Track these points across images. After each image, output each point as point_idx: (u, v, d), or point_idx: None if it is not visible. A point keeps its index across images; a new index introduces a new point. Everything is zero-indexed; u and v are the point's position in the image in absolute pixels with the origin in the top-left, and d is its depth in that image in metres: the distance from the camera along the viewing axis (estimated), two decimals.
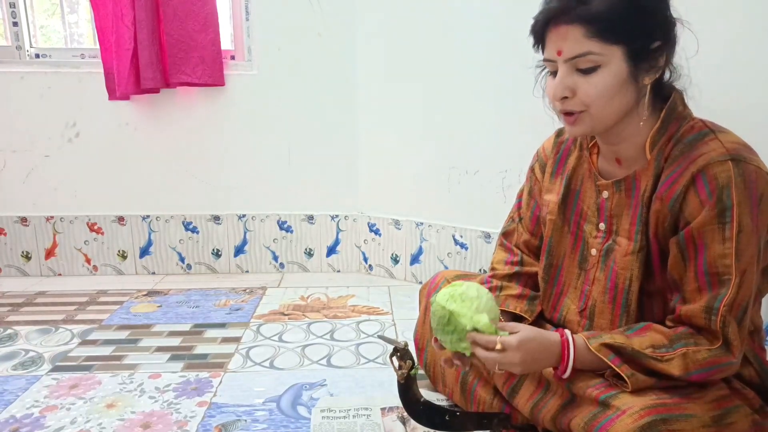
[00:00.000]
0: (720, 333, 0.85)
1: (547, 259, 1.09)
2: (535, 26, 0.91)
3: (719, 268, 0.85)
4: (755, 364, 0.94)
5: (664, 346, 0.87)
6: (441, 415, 1.11)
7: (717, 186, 0.84)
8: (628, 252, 0.95)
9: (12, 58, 2.11)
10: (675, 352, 0.86)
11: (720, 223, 0.84)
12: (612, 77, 0.86)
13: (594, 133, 0.94)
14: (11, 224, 2.20)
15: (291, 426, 1.21)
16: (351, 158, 2.18)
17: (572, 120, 0.91)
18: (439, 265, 2.06)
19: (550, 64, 0.91)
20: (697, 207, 0.86)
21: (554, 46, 0.88)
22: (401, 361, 1.07)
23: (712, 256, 0.85)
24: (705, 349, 0.85)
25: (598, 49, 0.84)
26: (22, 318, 1.83)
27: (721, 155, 0.85)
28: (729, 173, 0.84)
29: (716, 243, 0.85)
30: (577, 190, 1.04)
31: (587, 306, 1.02)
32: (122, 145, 2.14)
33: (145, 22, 1.94)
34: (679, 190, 0.87)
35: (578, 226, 1.04)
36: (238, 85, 2.11)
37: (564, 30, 0.86)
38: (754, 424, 0.87)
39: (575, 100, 0.89)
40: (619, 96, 0.88)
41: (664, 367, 0.85)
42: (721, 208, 0.84)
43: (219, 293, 2.03)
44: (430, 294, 1.31)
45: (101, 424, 1.22)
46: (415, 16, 1.92)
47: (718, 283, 0.85)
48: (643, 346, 0.87)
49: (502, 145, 1.84)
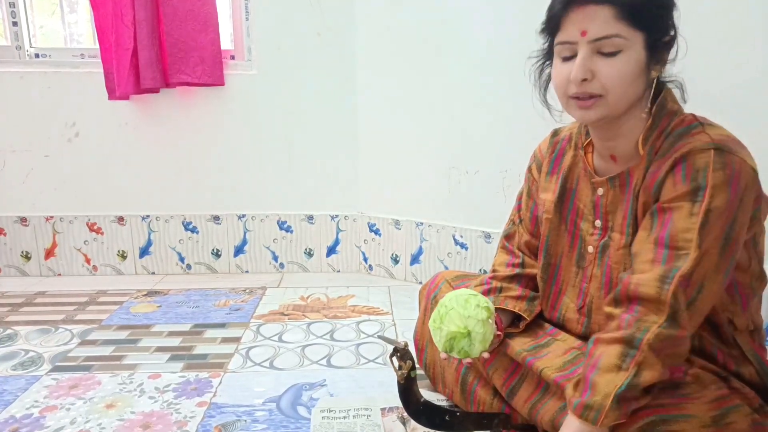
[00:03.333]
0: (668, 303, 0.82)
1: (545, 258, 1.09)
2: (553, 6, 0.89)
3: (679, 242, 0.83)
4: (755, 363, 0.93)
5: (628, 352, 0.82)
6: (441, 416, 1.11)
7: (693, 169, 0.84)
8: (621, 246, 0.95)
9: (12, 58, 2.11)
10: (641, 350, 0.81)
11: (690, 200, 0.84)
12: (632, 63, 0.85)
13: (604, 121, 0.92)
14: (11, 224, 2.20)
15: (291, 426, 1.21)
16: (351, 158, 2.18)
17: (589, 104, 0.88)
18: (439, 265, 2.06)
19: (566, 48, 0.88)
20: (671, 188, 0.86)
21: (578, 27, 0.85)
22: (401, 362, 1.07)
23: (676, 229, 0.84)
24: (657, 327, 0.82)
25: (625, 32, 0.84)
26: (21, 318, 1.83)
27: (704, 144, 0.85)
28: (708, 159, 0.83)
29: (682, 217, 0.84)
30: (573, 188, 1.04)
31: (585, 303, 1.03)
32: (122, 145, 2.14)
33: (145, 22, 1.94)
34: (660, 176, 0.88)
35: (575, 224, 1.04)
36: (238, 85, 2.11)
37: (592, 10, 0.84)
38: (754, 424, 0.87)
39: (595, 83, 0.87)
40: (635, 84, 0.87)
41: (646, 376, 0.81)
42: (694, 187, 0.83)
43: (219, 293, 2.03)
44: (430, 294, 1.31)
45: (101, 424, 1.22)
46: (415, 16, 1.92)
47: (675, 257, 0.83)
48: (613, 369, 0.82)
49: (502, 145, 1.84)
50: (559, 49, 0.90)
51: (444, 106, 1.93)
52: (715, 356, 0.92)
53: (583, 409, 0.83)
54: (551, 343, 1.05)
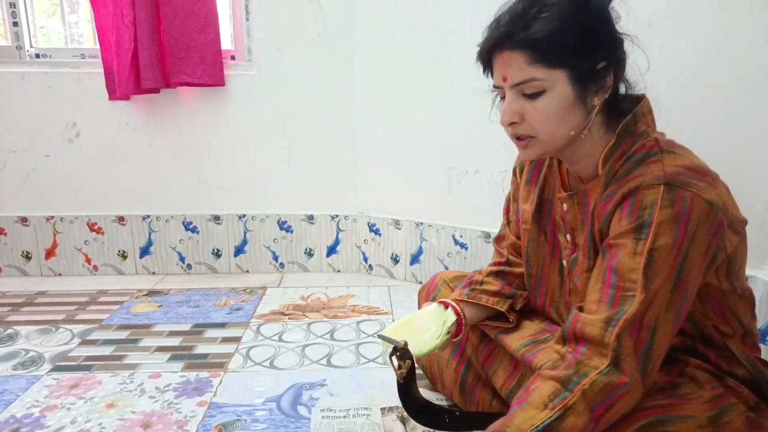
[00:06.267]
0: (611, 346, 0.79)
1: (527, 268, 1.10)
2: (480, 53, 0.90)
3: (625, 283, 0.80)
4: (747, 365, 0.93)
5: (561, 394, 0.79)
6: (440, 416, 1.12)
7: (640, 207, 0.81)
8: (584, 269, 0.94)
9: (12, 58, 2.12)
10: (574, 395, 0.78)
11: (635, 239, 0.81)
12: (558, 101, 0.85)
13: (547, 156, 0.93)
14: (11, 224, 2.20)
15: (291, 426, 1.21)
16: (351, 158, 2.18)
17: (524, 144, 0.91)
18: (439, 265, 2.06)
19: (499, 90, 0.91)
20: (616, 224, 0.84)
21: (500, 73, 0.87)
22: (400, 361, 1.07)
23: (621, 269, 0.81)
24: (596, 374, 0.78)
25: (542, 74, 0.83)
26: (22, 318, 1.83)
27: (655, 179, 0.81)
28: (656, 197, 0.80)
29: (627, 256, 0.81)
30: (550, 199, 1.05)
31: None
32: (122, 145, 2.14)
33: (145, 22, 1.94)
34: (609, 209, 0.86)
35: (554, 235, 1.05)
36: (238, 85, 2.11)
37: (507, 56, 0.85)
38: (749, 421, 0.87)
39: (524, 125, 0.88)
40: (568, 118, 0.86)
41: (571, 421, 0.78)
42: (639, 224, 0.81)
43: (219, 293, 2.03)
44: (429, 295, 1.32)
45: (101, 423, 1.23)
46: (416, 16, 1.92)
47: (621, 299, 0.80)
48: (539, 407, 0.79)
49: (502, 145, 1.82)
50: (494, 89, 0.93)
51: (444, 106, 1.93)
52: (708, 357, 0.92)
53: None
54: (549, 339, 1.05)
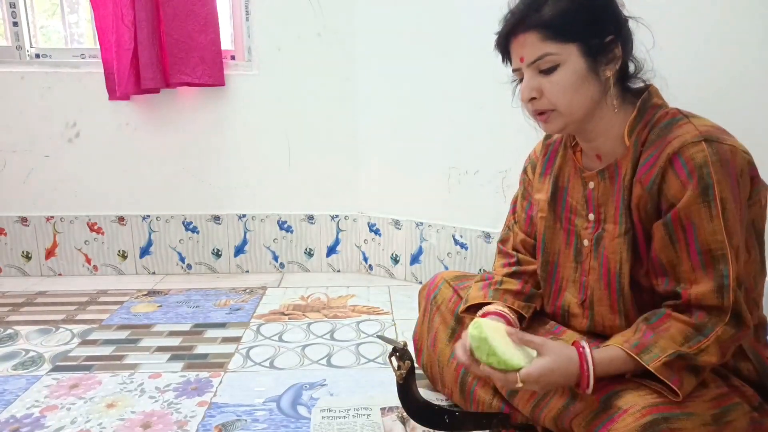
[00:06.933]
0: (731, 308, 0.86)
1: (543, 256, 1.11)
2: (498, 41, 0.99)
3: (712, 245, 0.87)
4: (754, 361, 0.94)
5: (695, 337, 0.87)
6: (440, 415, 1.11)
7: (695, 165, 0.87)
8: (615, 235, 0.98)
9: (12, 58, 2.12)
10: (708, 339, 0.86)
11: (705, 202, 0.86)
12: (572, 73, 0.92)
13: (568, 129, 0.98)
14: (11, 224, 2.20)
15: (291, 426, 1.21)
16: (351, 158, 2.18)
17: (545, 118, 0.97)
18: (439, 265, 2.06)
19: (518, 73, 0.98)
20: (679, 188, 0.88)
21: (517, 55, 0.96)
22: (400, 361, 1.07)
23: (704, 235, 0.87)
24: (723, 327, 0.86)
25: (555, 49, 0.91)
26: (22, 318, 1.83)
27: (694, 137, 0.88)
28: (704, 153, 0.87)
29: (705, 221, 0.87)
30: (565, 186, 1.08)
31: (587, 297, 1.04)
32: (122, 145, 2.14)
33: (145, 22, 1.94)
34: (657, 172, 0.91)
35: (569, 221, 1.07)
36: (238, 85, 2.11)
37: (522, 38, 0.94)
38: (753, 422, 0.87)
39: (543, 100, 0.95)
40: (583, 90, 0.93)
41: (705, 359, 0.86)
42: (703, 187, 0.86)
43: (219, 293, 2.03)
44: (430, 295, 1.31)
45: (101, 423, 1.22)
46: (416, 16, 1.92)
47: (713, 260, 0.87)
48: (677, 342, 0.87)
49: (502, 145, 1.84)
50: (514, 75, 1.01)
51: (444, 106, 1.93)
52: None
53: (642, 348, 0.87)
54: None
